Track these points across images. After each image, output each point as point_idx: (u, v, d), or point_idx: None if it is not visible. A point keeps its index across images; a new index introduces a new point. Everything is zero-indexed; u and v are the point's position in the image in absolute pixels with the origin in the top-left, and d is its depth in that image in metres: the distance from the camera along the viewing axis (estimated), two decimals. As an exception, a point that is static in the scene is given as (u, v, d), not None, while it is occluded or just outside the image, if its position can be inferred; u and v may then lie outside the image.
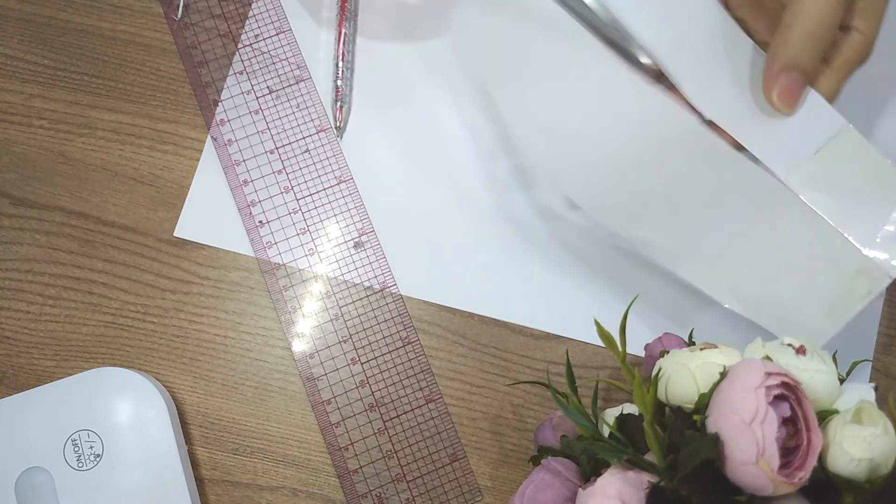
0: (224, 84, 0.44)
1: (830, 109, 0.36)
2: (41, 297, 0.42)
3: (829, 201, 0.36)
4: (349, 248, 0.43)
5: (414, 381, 0.42)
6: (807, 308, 0.36)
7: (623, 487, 0.30)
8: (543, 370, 0.42)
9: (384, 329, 0.42)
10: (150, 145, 0.44)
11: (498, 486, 0.41)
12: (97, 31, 0.45)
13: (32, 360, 0.42)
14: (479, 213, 0.43)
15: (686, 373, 0.31)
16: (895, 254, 0.35)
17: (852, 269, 0.35)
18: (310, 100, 0.44)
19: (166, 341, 0.42)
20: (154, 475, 0.38)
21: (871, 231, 0.35)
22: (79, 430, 0.39)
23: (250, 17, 0.44)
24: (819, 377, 0.31)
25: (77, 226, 0.43)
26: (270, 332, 0.42)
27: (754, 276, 0.37)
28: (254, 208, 0.43)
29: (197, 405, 0.42)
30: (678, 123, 0.37)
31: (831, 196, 0.36)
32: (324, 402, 0.41)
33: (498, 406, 0.42)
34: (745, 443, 0.28)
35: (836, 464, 0.29)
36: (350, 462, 0.41)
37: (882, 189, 0.35)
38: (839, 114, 0.36)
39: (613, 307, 0.42)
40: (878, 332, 0.42)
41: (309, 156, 0.43)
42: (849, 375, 0.35)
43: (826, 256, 0.35)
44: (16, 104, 0.44)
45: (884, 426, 0.29)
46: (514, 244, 0.43)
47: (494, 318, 0.42)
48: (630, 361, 0.41)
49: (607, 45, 0.39)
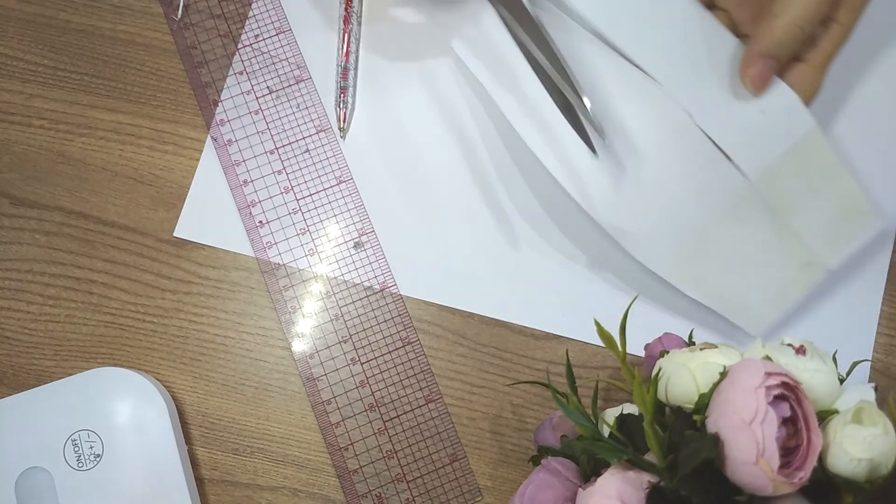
0: (224, 84, 0.44)
1: (804, 110, 0.38)
2: (41, 297, 0.42)
3: (786, 200, 0.39)
4: (349, 248, 0.43)
5: (414, 381, 0.42)
6: (756, 296, 0.40)
7: (623, 487, 0.30)
8: (543, 370, 0.42)
9: (384, 329, 0.42)
10: (150, 145, 0.44)
11: (498, 486, 0.41)
12: (97, 31, 0.45)
13: (32, 360, 0.42)
14: (479, 213, 0.43)
15: (686, 373, 0.31)
16: (834, 250, 0.39)
17: (799, 263, 0.39)
18: (310, 100, 0.44)
19: (166, 341, 0.42)
20: (154, 475, 0.38)
21: (817, 228, 0.39)
22: (79, 430, 0.39)
23: (250, 17, 0.44)
24: (819, 377, 0.31)
25: (77, 226, 0.43)
26: (270, 332, 0.42)
27: (719, 269, 0.40)
28: (254, 208, 0.43)
29: (197, 405, 0.42)
30: (672, 119, 0.39)
31: (789, 195, 0.39)
32: (324, 403, 0.41)
33: (498, 406, 0.42)
34: (745, 443, 0.28)
35: (836, 464, 0.29)
36: (350, 462, 0.41)
37: (832, 189, 0.39)
38: (810, 115, 0.38)
39: (613, 307, 0.42)
40: (878, 332, 0.42)
41: (309, 156, 0.43)
42: (849, 375, 0.35)
43: (779, 251, 0.39)
44: (16, 104, 0.44)
45: (884, 426, 0.29)
46: (514, 244, 0.43)
47: (494, 318, 0.42)
48: (630, 361, 0.41)
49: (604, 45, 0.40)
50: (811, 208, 0.39)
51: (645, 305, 0.42)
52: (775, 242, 0.39)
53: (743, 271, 0.40)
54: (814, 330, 0.42)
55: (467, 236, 0.43)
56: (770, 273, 0.40)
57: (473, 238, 0.43)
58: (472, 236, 0.43)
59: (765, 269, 0.40)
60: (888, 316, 0.42)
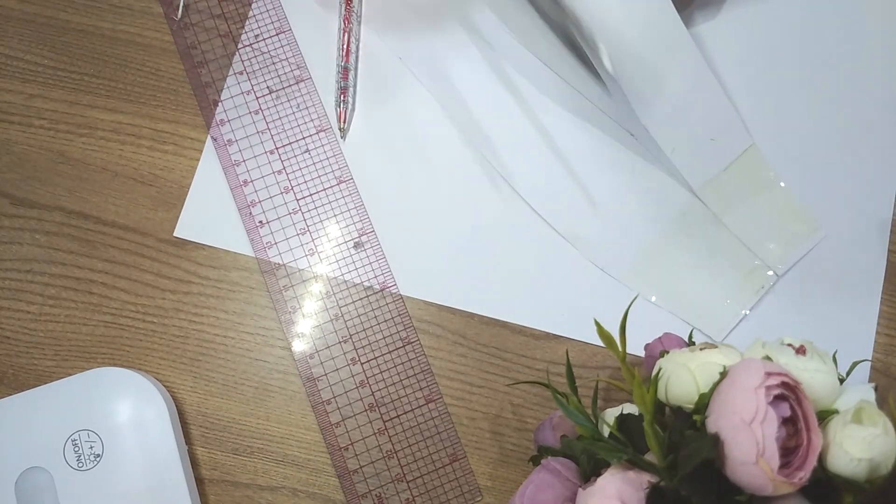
0: (224, 84, 0.44)
1: (743, 128, 0.43)
2: (41, 297, 0.42)
3: (730, 211, 0.42)
4: (349, 248, 0.43)
5: (414, 381, 0.42)
6: (712, 302, 0.42)
7: (623, 487, 0.30)
8: (543, 370, 0.42)
9: (384, 329, 0.42)
10: (150, 145, 0.44)
11: (498, 486, 0.41)
12: (97, 31, 0.45)
13: (32, 360, 0.42)
14: (479, 213, 0.43)
15: (686, 373, 0.31)
16: (781, 257, 0.42)
17: (747, 269, 0.42)
18: (310, 100, 0.44)
19: (166, 341, 0.42)
20: (154, 475, 0.38)
21: (762, 237, 0.42)
22: (79, 430, 0.39)
23: (250, 17, 0.44)
24: (819, 377, 0.31)
25: (77, 226, 0.43)
26: (270, 332, 0.42)
27: (672, 275, 0.42)
28: (254, 208, 0.43)
29: (197, 405, 0.42)
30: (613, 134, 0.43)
31: (733, 206, 0.42)
32: (324, 402, 0.41)
33: (498, 406, 0.42)
34: (745, 443, 0.28)
35: (836, 464, 0.29)
36: (350, 462, 0.41)
37: (772, 201, 0.43)
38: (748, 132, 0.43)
39: (613, 307, 0.42)
40: (878, 332, 0.42)
41: (309, 156, 0.43)
42: (849, 375, 0.35)
43: (727, 258, 0.42)
44: (16, 104, 0.44)
45: (884, 426, 0.29)
46: (515, 244, 0.43)
47: (494, 318, 0.42)
48: (630, 361, 0.41)
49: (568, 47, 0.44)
50: (752, 217, 0.42)
51: (645, 305, 0.42)
52: (722, 250, 0.42)
53: (696, 278, 0.42)
54: (814, 330, 0.42)
55: (467, 236, 0.43)
56: (721, 279, 0.42)
57: (473, 238, 0.43)
58: (473, 236, 0.43)
59: (716, 276, 0.42)
60: (888, 316, 0.42)
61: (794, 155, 0.44)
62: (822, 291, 0.42)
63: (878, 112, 0.44)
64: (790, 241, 0.42)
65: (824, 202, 0.43)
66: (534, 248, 0.43)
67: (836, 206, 0.43)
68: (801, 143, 0.44)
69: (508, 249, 0.43)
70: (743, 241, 0.42)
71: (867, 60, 0.44)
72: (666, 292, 0.42)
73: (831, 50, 0.45)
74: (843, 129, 0.44)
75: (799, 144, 0.44)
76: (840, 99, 0.44)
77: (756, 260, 0.42)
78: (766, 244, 0.42)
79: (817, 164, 0.44)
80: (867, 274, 0.43)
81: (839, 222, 0.43)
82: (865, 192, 0.43)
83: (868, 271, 0.43)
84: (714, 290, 0.42)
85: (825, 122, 0.44)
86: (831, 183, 0.43)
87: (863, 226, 0.43)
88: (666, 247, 0.43)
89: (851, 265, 0.43)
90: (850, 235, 0.43)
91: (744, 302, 0.42)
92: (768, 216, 0.42)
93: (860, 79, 0.44)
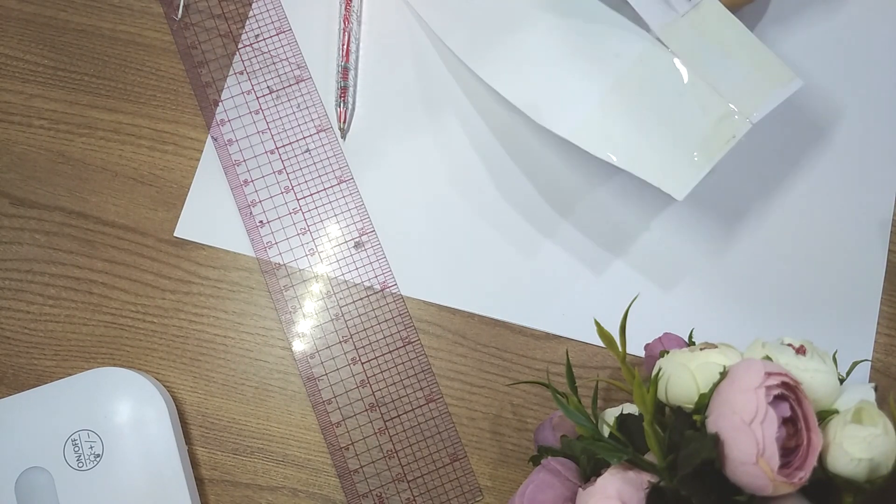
0: (224, 84, 0.44)
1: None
2: (41, 297, 0.42)
3: (695, 57, 0.38)
4: (349, 248, 0.43)
5: (414, 381, 0.42)
6: (677, 154, 0.38)
7: (623, 487, 0.30)
8: (543, 370, 0.42)
9: (384, 329, 0.42)
10: (150, 145, 0.44)
11: (498, 486, 0.41)
12: (97, 31, 0.45)
13: (32, 360, 0.42)
14: (480, 213, 0.43)
15: (686, 373, 0.31)
16: (756, 104, 0.38)
17: (717, 116, 0.38)
18: (310, 100, 0.44)
19: (166, 341, 0.42)
20: (154, 475, 0.38)
21: (734, 84, 0.38)
22: (79, 430, 0.39)
23: (250, 17, 0.44)
24: (819, 377, 0.31)
25: (77, 226, 0.43)
26: (270, 332, 0.42)
27: (629, 127, 0.38)
28: (254, 208, 0.43)
29: (197, 405, 0.42)
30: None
31: (698, 52, 0.38)
32: (324, 402, 0.41)
33: (498, 406, 0.42)
34: (745, 443, 0.28)
35: (836, 464, 0.29)
36: (350, 462, 0.41)
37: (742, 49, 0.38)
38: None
39: (613, 307, 0.42)
40: (878, 332, 0.42)
41: (309, 156, 0.43)
42: (849, 375, 0.35)
43: (693, 106, 0.38)
44: (16, 104, 0.44)
45: (884, 426, 0.29)
46: (515, 244, 0.43)
47: (494, 318, 0.42)
48: (630, 361, 0.41)
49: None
50: (722, 64, 0.38)
51: (645, 305, 0.42)
52: (689, 95, 0.38)
53: (658, 128, 0.38)
54: (814, 330, 0.42)
55: (467, 236, 0.43)
56: (687, 129, 0.38)
57: (473, 238, 0.43)
58: (473, 236, 0.43)
59: (681, 125, 0.38)
60: (888, 316, 0.42)
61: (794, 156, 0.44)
62: (822, 291, 0.42)
63: (878, 112, 0.44)
64: (765, 88, 0.38)
65: (824, 202, 0.43)
66: (534, 249, 0.43)
67: (836, 206, 0.43)
68: (802, 143, 0.44)
69: (509, 250, 0.43)
70: (712, 84, 0.38)
71: (867, 60, 0.44)
72: (625, 148, 0.38)
73: (832, 50, 0.45)
74: (843, 129, 0.44)
75: (799, 144, 0.44)
76: (840, 99, 0.44)
77: (728, 104, 0.38)
78: (739, 87, 0.38)
79: (817, 165, 0.44)
80: (867, 274, 0.43)
81: (839, 222, 0.43)
82: (865, 192, 0.43)
83: (868, 271, 0.43)
84: (679, 142, 0.38)
85: (825, 121, 0.44)
86: (831, 183, 0.44)
87: (863, 226, 0.43)
88: (625, 95, 0.39)
89: (851, 265, 0.43)
90: (850, 235, 0.43)
91: (713, 153, 0.38)
92: (738, 60, 0.38)
93: (860, 79, 0.44)
